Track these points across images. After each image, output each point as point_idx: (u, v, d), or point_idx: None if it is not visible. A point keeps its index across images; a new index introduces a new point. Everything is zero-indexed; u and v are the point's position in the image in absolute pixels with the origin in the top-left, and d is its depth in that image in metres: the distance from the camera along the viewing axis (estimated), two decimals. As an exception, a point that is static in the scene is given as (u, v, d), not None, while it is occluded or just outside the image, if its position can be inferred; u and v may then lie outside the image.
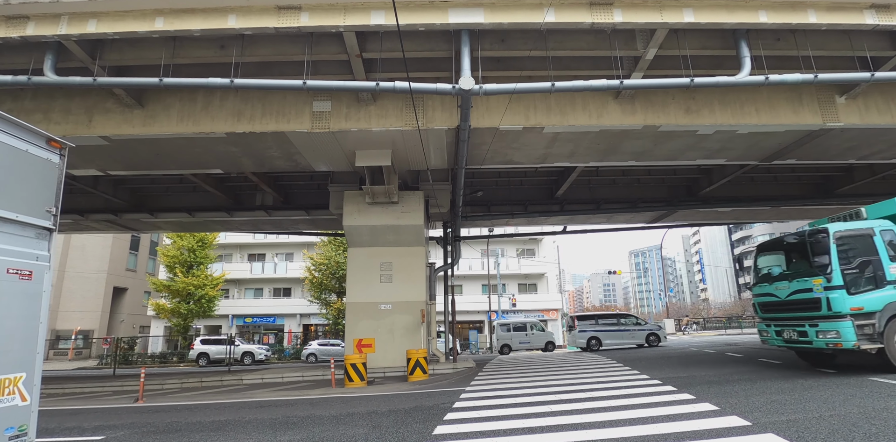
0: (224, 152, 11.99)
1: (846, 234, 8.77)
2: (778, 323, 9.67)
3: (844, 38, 9.86)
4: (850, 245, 8.70)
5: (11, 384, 3.29)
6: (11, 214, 3.45)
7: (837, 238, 8.66)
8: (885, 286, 8.40)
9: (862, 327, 8.20)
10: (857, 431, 5.02)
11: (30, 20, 8.69)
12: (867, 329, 8.19)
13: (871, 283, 8.43)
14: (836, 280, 8.42)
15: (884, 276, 8.44)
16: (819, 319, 8.61)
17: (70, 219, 17.76)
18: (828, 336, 8.42)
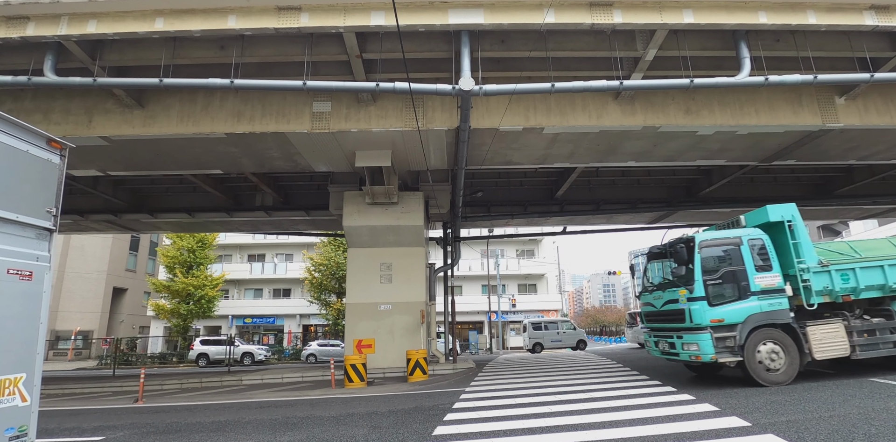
0: (224, 153, 11.99)
1: (712, 243, 8.48)
2: (655, 333, 9.35)
3: (844, 38, 9.87)
4: (716, 255, 8.44)
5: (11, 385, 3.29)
6: (12, 215, 3.45)
7: (703, 247, 8.37)
8: (748, 297, 8.09)
9: (723, 340, 7.90)
10: (856, 432, 5.03)
11: (30, 20, 8.69)
12: (728, 341, 7.89)
13: (735, 294, 8.12)
14: (698, 291, 8.11)
15: (748, 286, 8.13)
16: (684, 330, 8.32)
17: (70, 219, 17.75)
18: (690, 349, 8.10)
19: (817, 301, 8.28)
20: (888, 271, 8.49)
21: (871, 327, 8.36)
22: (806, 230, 8.67)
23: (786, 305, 8.14)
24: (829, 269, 8.37)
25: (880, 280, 8.48)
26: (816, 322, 8.29)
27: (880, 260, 8.59)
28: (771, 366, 7.94)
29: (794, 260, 8.35)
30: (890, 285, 8.47)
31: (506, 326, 36.31)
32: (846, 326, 8.26)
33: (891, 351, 8.28)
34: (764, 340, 8.00)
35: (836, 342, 8.13)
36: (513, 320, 37.24)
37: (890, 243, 9.19)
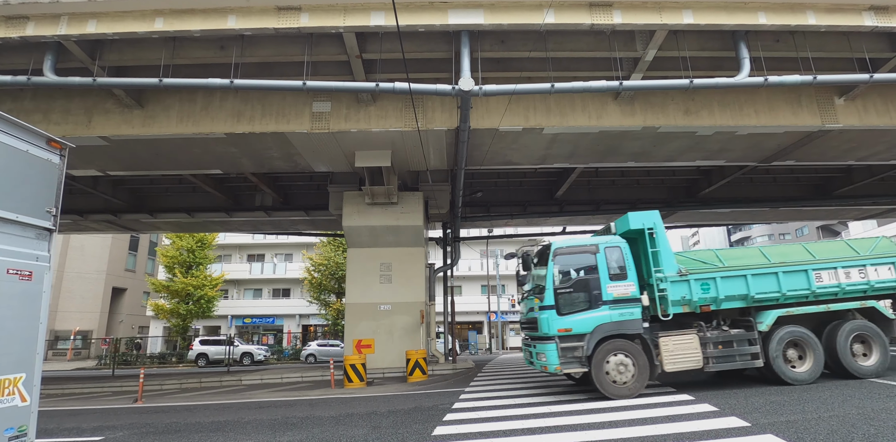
0: (223, 153, 11.99)
1: (568, 251, 8.32)
2: (524, 341, 9.21)
3: (843, 39, 9.88)
4: (572, 263, 8.30)
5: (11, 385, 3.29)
6: (11, 215, 3.45)
7: (557, 255, 8.22)
8: (599, 307, 7.88)
9: (571, 350, 7.67)
10: (855, 432, 5.03)
11: (29, 20, 8.69)
12: (577, 352, 7.66)
13: (586, 303, 7.92)
14: (548, 300, 7.93)
15: (600, 295, 7.92)
16: (538, 339, 8.17)
17: (69, 219, 17.74)
18: (541, 359, 7.91)
19: (676, 311, 8.01)
20: (751, 281, 8.17)
21: (727, 339, 8.01)
22: (667, 238, 8.40)
23: (638, 315, 7.87)
24: (689, 278, 8.08)
25: (742, 290, 8.16)
26: (669, 333, 7.95)
27: (743, 269, 8.26)
28: (618, 378, 7.64)
29: (652, 269, 8.16)
30: (752, 296, 8.13)
31: (505, 326, 36.32)
32: (701, 338, 7.94)
33: (747, 363, 7.95)
34: (614, 350, 7.74)
35: (689, 354, 7.83)
36: (512, 321, 37.24)
37: (760, 252, 8.82)
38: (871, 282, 8.45)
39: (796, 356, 8.16)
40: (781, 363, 7.94)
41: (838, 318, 8.45)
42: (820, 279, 8.38)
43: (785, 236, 69.61)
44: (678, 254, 8.76)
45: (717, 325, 8.47)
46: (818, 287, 8.32)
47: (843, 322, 8.28)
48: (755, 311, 8.33)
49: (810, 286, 8.31)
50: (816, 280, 8.35)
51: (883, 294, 8.76)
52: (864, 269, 8.50)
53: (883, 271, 8.54)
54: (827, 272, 8.44)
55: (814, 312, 8.22)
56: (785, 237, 69.63)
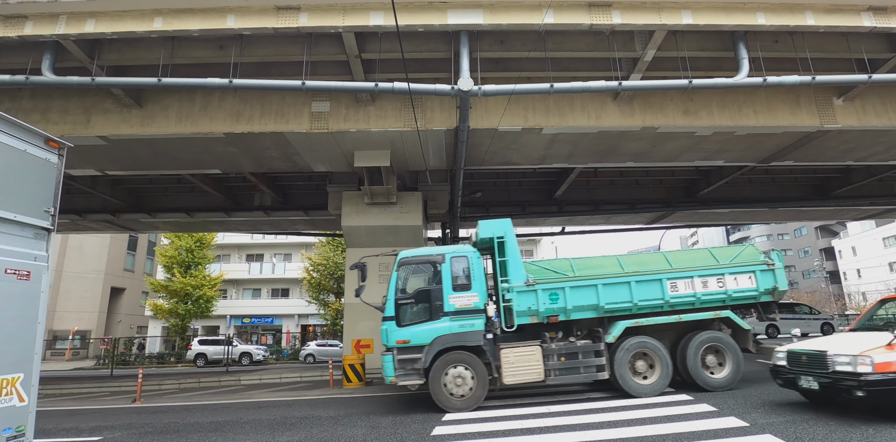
0: (222, 153, 11.97)
1: (413, 260, 8.20)
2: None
3: (842, 40, 9.89)
4: (417, 273, 8.20)
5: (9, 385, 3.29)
6: (10, 215, 3.45)
7: (401, 265, 8.11)
8: (441, 318, 7.71)
9: (409, 362, 7.54)
10: (854, 432, 5.04)
11: (28, 20, 8.67)
12: (416, 364, 7.51)
13: (427, 314, 7.76)
14: (389, 310, 7.83)
15: (441, 306, 7.75)
16: (386, 350, 8.01)
17: (68, 219, 17.71)
18: (384, 370, 7.78)
19: (523, 322, 7.86)
20: (601, 291, 7.94)
21: (572, 350, 7.78)
22: (517, 247, 8.23)
23: (480, 327, 7.72)
24: (536, 288, 7.90)
25: (593, 300, 7.92)
26: (511, 345, 7.76)
27: (594, 279, 8.04)
28: (455, 391, 7.49)
29: (499, 279, 8.01)
30: (603, 306, 7.92)
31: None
32: (544, 349, 7.72)
33: (592, 375, 7.75)
34: (453, 362, 7.58)
35: (530, 366, 7.62)
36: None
37: (616, 261, 8.57)
38: (729, 291, 8.16)
39: (646, 367, 7.89)
40: (626, 375, 7.69)
41: (702, 328, 8.18)
42: (675, 289, 8.09)
43: (783, 236, 69.71)
44: (532, 263, 8.57)
45: (574, 336, 8.21)
46: (672, 297, 8.04)
47: (697, 333, 8.03)
48: (608, 321, 8.09)
49: (664, 296, 8.02)
50: (671, 290, 8.06)
51: (745, 304, 8.45)
52: (723, 278, 8.20)
53: (743, 280, 8.23)
54: (683, 281, 8.14)
55: (664, 322, 7.93)
56: (783, 237, 69.73)
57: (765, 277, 8.30)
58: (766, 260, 8.40)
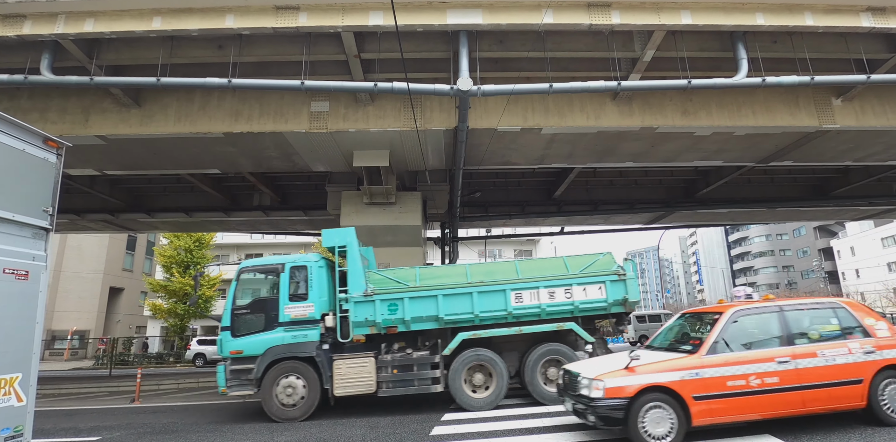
0: (221, 152, 11.96)
1: (254, 269, 8.22)
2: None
3: (841, 40, 9.90)
4: (257, 282, 8.17)
5: (7, 385, 3.28)
6: (8, 214, 3.44)
7: (241, 274, 8.10)
8: (275, 328, 7.70)
9: (242, 372, 7.55)
10: (853, 432, 5.05)
11: (26, 19, 8.66)
12: (249, 374, 7.52)
13: (262, 324, 7.75)
14: (225, 320, 7.83)
15: (276, 317, 7.74)
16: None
17: (66, 219, 17.68)
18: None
19: (362, 332, 7.80)
20: (442, 302, 7.78)
21: (406, 362, 7.64)
22: (358, 257, 8.22)
23: (313, 337, 7.70)
24: (374, 298, 7.81)
25: (433, 311, 7.77)
26: (345, 356, 7.70)
27: (434, 289, 7.87)
28: (286, 401, 7.50)
29: (338, 289, 7.98)
30: (443, 317, 7.76)
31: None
32: (378, 361, 7.64)
33: (426, 388, 7.59)
34: (285, 373, 7.57)
35: (362, 378, 7.55)
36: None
37: (464, 271, 8.42)
38: (576, 302, 7.93)
39: (485, 380, 7.71)
40: (459, 388, 7.52)
41: (556, 339, 7.97)
42: (520, 300, 7.90)
43: (782, 237, 69.84)
44: (378, 272, 8.45)
45: (420, 347, 8.11)
46: (515, 308, 7.84)
47: (540, 345, 7.82)
48: (452, 333, 7.92)
49: (507, 307, 7.83)
50: (515, 301, 7.87)
51: (596, 314, 8.20)
52: (571, 288, 7.98)
53: (592, 291, 8.00)
54: (529, 292, 7.93)
55: (505, 334, 7.72)
56: (782, 238, 69.86)
57: (615, 288, 8.00)
58: (618, 270, 8.11)
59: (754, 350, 5.22)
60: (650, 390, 4.89)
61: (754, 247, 73.72)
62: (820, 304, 5.76)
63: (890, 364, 5.22)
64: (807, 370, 5.08)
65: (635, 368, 5.03)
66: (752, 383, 4.97)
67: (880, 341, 5.32)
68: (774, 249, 70.38)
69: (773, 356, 5.11)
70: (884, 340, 5.34)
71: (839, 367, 5.12)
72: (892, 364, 5.23)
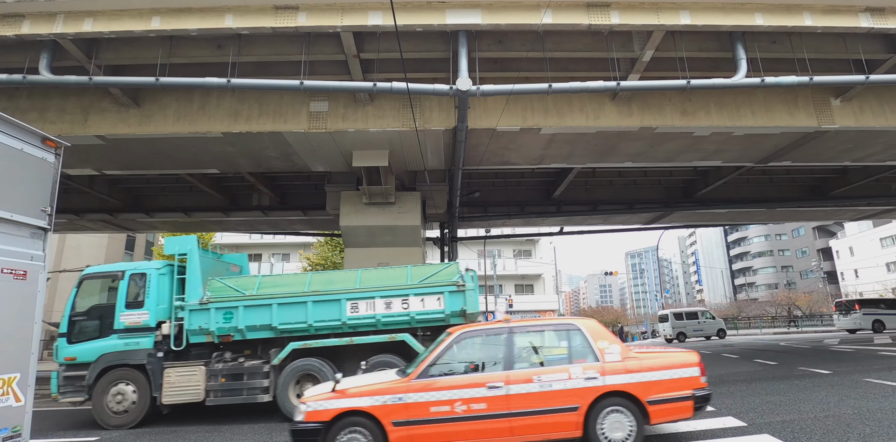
0: (220, 152, 11.96)
1: (96, 276, 8.27)
2: None
3: (840, 40, 9.92)
4: (98, 289, 8.19)
5: (5, 385, 3.28)
6: (6, 214, 3.43)
7: (83, 281, 8.14)
8: (109, 335, 7.78)
9: (75, 379, 7.63)
10: (851, 432, 5.05)
11: (25, 18, 8.65)
12: (82, 381, 7.61)
13: (97, 331, 7.83)
14: (63, 327, 7.95)
15: (112, 324, 7.80)
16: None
17: (65, 218, 17.66)
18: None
19: (198, 340, 7.81)
20: (277, 311, 7.76)
21: (236, 371, 7.60)
22: (198, 265, 8.18)
23: (146, 345, 7.76)
24: (210, 306, 7.77)
25: (267, 320, 7.75)
26: (175, 364, 7.73)
27: (270, 298, 7.84)
28: (116, 408, 7.57)
29: (175, 297, 8.00)
30: (278, 326, 7.72)
31: (502, 326, 36.33)
32: (208, 370, 7.64)
33: (254, 397, 7.55)
34: (116, 380, 7.65)
35: (190, 386, 7.57)
36: (509, 321, 37.25)
37: (305, 280, 8.37)
38: (412, 313, 7.86)
39: None
40: (285, 398, 7.50)
41: (392, 350, 7.77)
42: (356, 310, 7.84)
43: (781, 237, 69.91)
44: (219, 279, 8.36)
45: (257, 357, 8.06)
46: (350, 318, 7.80)
47: (375, 356, 7.68)
48: (288, 342, 7.86)
49: (341, 317, 7.79)
50: (351, 310, 7.83)
51: (435, 325, 8.06)
52: (408, 299, 7.93)
53: (430, 302, 7.93)
54: (365, 302, 7.88)
55: (335, 344, 7.67)
56: (781, 238, 69.93)
57: (453, 299, 7.92)
58: (457, 281, 8.05)
59: (468, 375, 4.89)
60: (350, 414, 4.63)
61: (753, 247, 73.79)
62: (554, 325, 5.37)
63: (612, 391, 4.75)
64: (519, 396, 4.70)
65: (344, 391, 4.79)
66: (458, 410, 4.65)
67: (606, 366, 4.86)
68: (773, 249, 70.46)
69: (484, 381, 4.77)
70: (611, 364, 4.87)
71: (555, 393, 4.73)
72: (616, 391, 4.76)
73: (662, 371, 4.86)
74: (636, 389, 4.76)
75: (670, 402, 4.78)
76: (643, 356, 5.01)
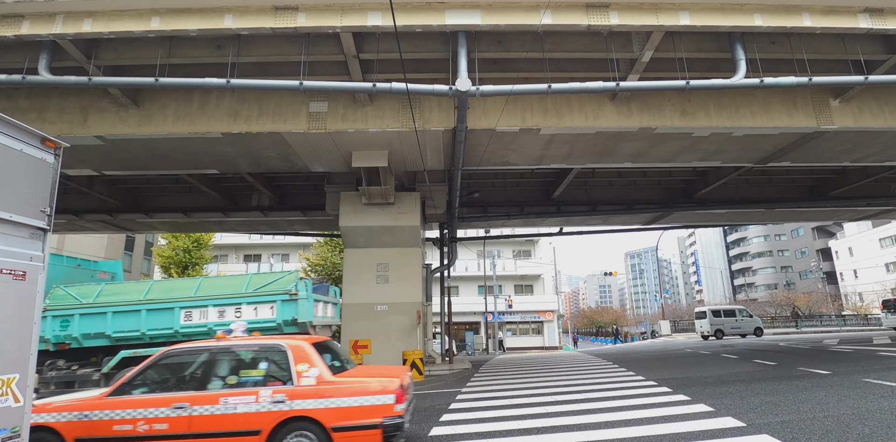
0: (220, 153, 11.95)
1: None
2: None
3: (839, 41, 9.93)
4: None
5: (5, 386, 3.27)
6: (6, 214, 3.43)
7: None
8: None
9: None
10: (850, 432, 5.05)
11: (24, 19, 8.64)
12: None
13: None
14: None
15: None
16: None
17: (64, 219, 17.65)
18: None
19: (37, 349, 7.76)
20: (112, 319, 7.70)
21: (66, 379, 7.48)
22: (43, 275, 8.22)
23: None
24: (46, 315, 7.67)
25: (102, 328, 7.69)
26: None
27: (105, 307, 7.78)
28: None
29: None
30: (112, 334, 7.63)
31: (502, 326, 36.32)
32: (40, 377, 7.47)
33: None
34: None
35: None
36: (510, 321, 37.28)
37: (143, 288, 8.26)
38: (245, 322, 7.69)
39: None
40: None
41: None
42: (189, 318, 7.81)
43: (781, 237, 69.93)
44: (64, 287, 8.26)
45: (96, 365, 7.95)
46: (183, 327, 7.77)
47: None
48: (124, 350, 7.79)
49: (174, 325, 7.76)
50: (185, 319, 7.80)
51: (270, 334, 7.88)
52: (241, 307, 7.94)
53: (264, 310, 7.97)
54: (199, 311, 7.88)
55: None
56: (781, 238, 69.94)
57: (286, 308, 7.94)
58: (291, 290, 8.04)
59: (156, 394, 4.84)
60: (40, 429, 4.56)
61: (753, 247, 73.81)
62: (260, 346, 5.18)
63: (298, 415, 4.62)
64: (201, 418, 4.62)
65: (45, 405, 4.73)
66: (140, 429, 4.60)
67: (297, 390, 4.73)
68: (773, 249, 70.48)
69: (170, 401, 4.70)
70: (302, 389, 4.74)
71: (238, 416, 4.63)
72: (302, 416, 4.63)
73: (354, 398, 4.71)
74: (323, 414, 4.63)
75: (356, 429, 4.62)
76: (342, 381, 4.87)
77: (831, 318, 40.13)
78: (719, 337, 26.92)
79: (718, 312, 27.99)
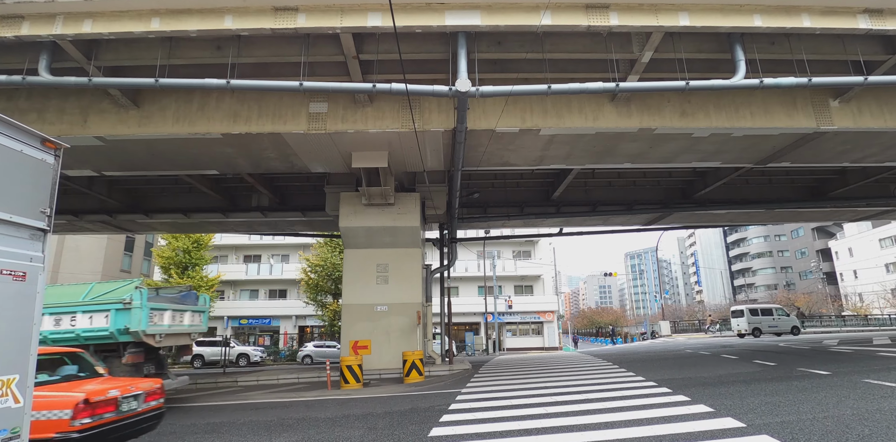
0: (220, 153, 11.96)
1: None
2: None
3: (838, 42, 9.94)
4: None
5: (5, 386, 3.27)
6: (5, 215, 3.43)
7: None
8: None
9: None
10: (850, 433, 5.05)
11: (24, 20, 8.65)
12: None
13: None
14: None
15: None
16: None
17: (64, 220, 17.66)
18: None
19: None
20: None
21: None
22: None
23: None
24: None
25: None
26: None
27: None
28: None
29: None
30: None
31: (502, 327, 36.31)
32: None
33: None
34: None
35: None
36: (509, 322, 37.27)
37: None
38: (78, 331, 7.80)
39: None
40: None
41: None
42: None
43: (780, 238, 69.93)
44: None
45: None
46: None
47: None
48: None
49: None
50: None
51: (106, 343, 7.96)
52: (76, 316, 7.87)
53: (99, 319, 7.91)
54: None
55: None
56: (780, 239, 69.94)
57: (120, 317, 7.88)
58: (125, 299, 7.98)
59: None
60: None
61: (753, 248, 73.81)
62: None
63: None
64: None
65: None
66: None
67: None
68: (773, 249, 70.48)
69: None
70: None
71: None
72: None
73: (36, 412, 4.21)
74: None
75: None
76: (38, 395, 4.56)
77: (831, 318, 40.13)
78: (757, 335, 26.76)
79: (756, 310, 27.84)
